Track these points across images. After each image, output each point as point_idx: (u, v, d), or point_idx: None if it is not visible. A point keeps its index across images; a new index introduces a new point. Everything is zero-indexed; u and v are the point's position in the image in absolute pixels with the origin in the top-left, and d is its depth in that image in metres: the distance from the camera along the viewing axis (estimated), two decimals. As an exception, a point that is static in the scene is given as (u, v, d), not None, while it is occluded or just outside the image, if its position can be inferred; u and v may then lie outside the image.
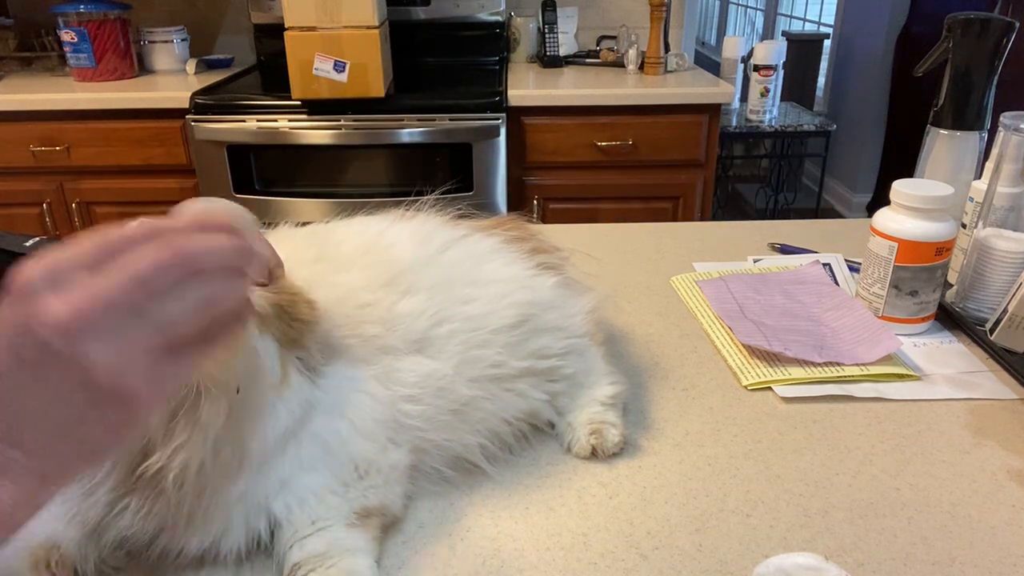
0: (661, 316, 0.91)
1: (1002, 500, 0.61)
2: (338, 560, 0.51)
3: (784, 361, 0.79)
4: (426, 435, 0.59)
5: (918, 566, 0.54)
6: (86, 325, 0.34)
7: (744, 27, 6.11)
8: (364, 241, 0.64)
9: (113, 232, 0.37)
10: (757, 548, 0.56)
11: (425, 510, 0.60)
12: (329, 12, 1.92)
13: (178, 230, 0.38)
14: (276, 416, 0.50)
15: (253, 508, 0.51)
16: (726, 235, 1.16)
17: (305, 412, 0.52)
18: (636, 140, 2.17)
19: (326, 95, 1.99)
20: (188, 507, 0.49)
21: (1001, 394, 0.75)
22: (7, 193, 2.20)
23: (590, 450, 0.65)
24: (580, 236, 1.17)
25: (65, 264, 0.35)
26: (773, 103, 2.92)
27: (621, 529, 0.58)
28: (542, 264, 0.70)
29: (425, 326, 0.59)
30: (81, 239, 0.37)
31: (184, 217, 0.40)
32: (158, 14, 2.62)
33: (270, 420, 0.50)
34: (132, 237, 0.37)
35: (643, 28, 2.43)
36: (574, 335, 0.68)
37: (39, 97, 2.12)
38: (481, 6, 2.50)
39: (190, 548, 0.51)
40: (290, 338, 0.50)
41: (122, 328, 0.35)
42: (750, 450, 0.67)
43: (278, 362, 0.50)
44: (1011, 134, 0.83)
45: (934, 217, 0.81)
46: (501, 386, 0.62)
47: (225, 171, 2.12)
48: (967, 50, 0.90)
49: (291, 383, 0.51)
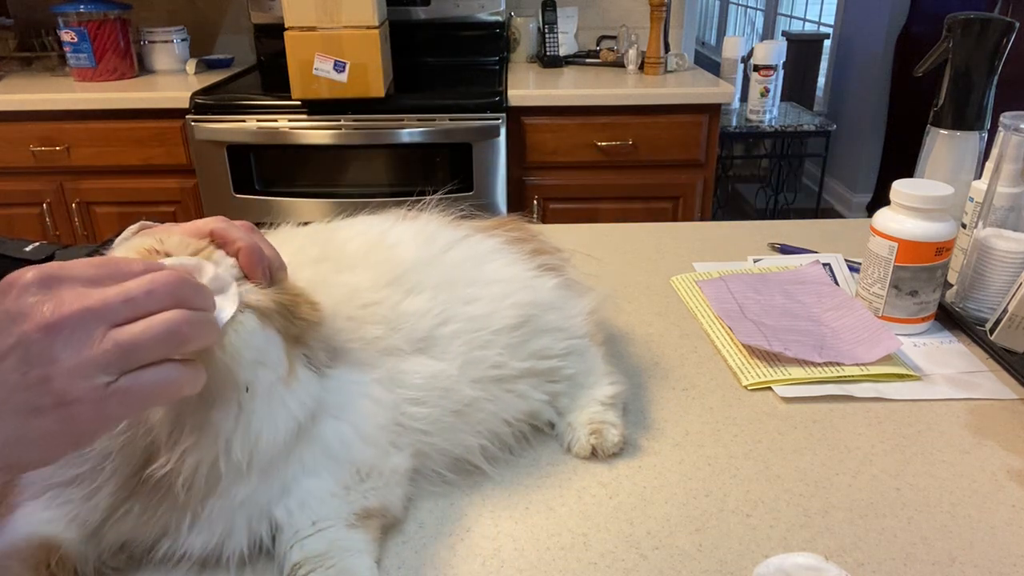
0: (661, 316, 0.91)
1: (1002, 500, 0.61)
2: (338, 560, 0.51)
3: (784, 361, 0.79)
4: (428, 438, 0.59)
5: (918, 566, 0.54)
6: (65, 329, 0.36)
7: (744, 27, 6.11)
8: (367, 241, 0.64)
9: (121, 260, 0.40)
10: (757, 548, 0.56)
11: (425, 510, 0.60)
12: (329, 12, 1.92)
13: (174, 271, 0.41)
14: (287, 409, 0.50)
15: (256, 512, 0.51)
16: (726, 235, 1.16)
17: (314, 407, 0.52)
18: (636, 140, 2.17)
19: (326, 95, 1.99)
20: (193, 510, 0.49)
21: (1001, 394, 0.75)
22: (7, 193, 2.20)
23: (590, 450, 0.65)
24: (580, 236, 1.17)
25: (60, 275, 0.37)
26: (773, 103, 2.92)
27: (621, 529, 0.58)
28: (543, 265, 0.70)
29: (430, 325, 0.59)
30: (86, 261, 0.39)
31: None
32: (158, 14, 2.62)
33: (280, 413, 0.49)
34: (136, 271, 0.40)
35: (643, 28, 2.43)
36: (575, 336, 0.68)
37: (39, 97, 2.12)
38: (481, 6, 2.50)
39: (193, 551, 0.51)
40: (293, 335, 0.50)
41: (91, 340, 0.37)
42: (750, 450, 0.67)
43: (284, 355, 0.49)
44: (1011, 134, 0.83)
45: (934, 217, 0.81)
46: (502, 387, 0.62)
47: (225, 171, 2.12)
48: (967, 50, 0.90)
49: (299, 376, 0.50)
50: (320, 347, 0.53)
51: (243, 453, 0.48)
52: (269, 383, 0.48)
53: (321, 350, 0.53)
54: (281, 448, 0.50)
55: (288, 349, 0.50)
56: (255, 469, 0.49)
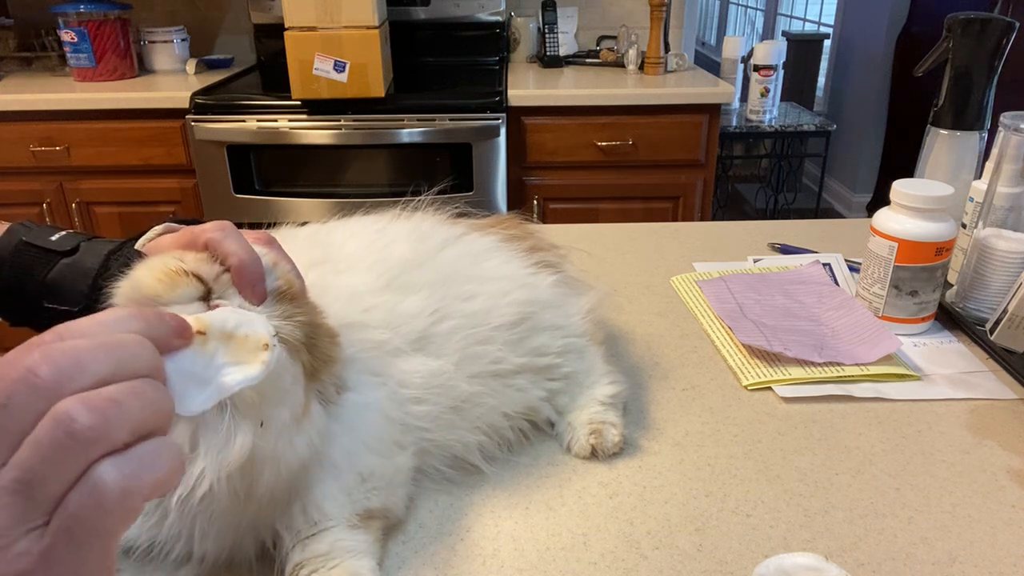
0: (661, 316, 0.91)
1: (1002, 500, 0.61)
2: (340, 561, 0.51)
3: (784, 361, 0.79)
4: (430, 435, 0.59)
5: (918, 566, 0.54)
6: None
7: (744, 27, 6.11)
8: (363, 240, 0.64)
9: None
10: (757, 548, 0.56)
11: (425, 510, 0.60)
12: (329, 12, 1.92)
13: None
14: (293, 449, 0.47)
15: (262, 524, 0.51)
16: (726, 235, 1.16)
17: (319, 442, 0.50)
18: (636, 140, 2.17)
19: (326, 95, 1.99)
20: (199, 524, 0.49)
21: (1001, 394, 0.75)
22: (7, 193, 2.20)
23: (590, 450, 0.65)
24: (580, 235, 1.17)
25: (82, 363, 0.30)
26: (773, 103, 2.92)
27: (621, 529, 0.58)
28: (540, 262, 0.70)
29: (426, 323, 0.59)
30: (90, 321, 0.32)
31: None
32: (158, 14, 2.62)
33: (287, 453, 0.47)
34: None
35: (643, 28, 2.43)
36: (572, 334, 0.68)
37: (39, 97, 2.12)
38: (481, 6, 2.50)
39: (199, 556, 0.51)
40: (310, 370, 0.48)
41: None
42: (750, 450, 0.67)
43: (303, 392, 0.47)
44: (1011, 134, 0.83)
45: (934, 217, 0.81)
46: (500, 382, 0.62)
47: (225, 171, 2.12)
48: (967, 50, 0.90)
49: (311, 414, 0.48)
50: (332, 382, 0.51)
51: (242, 485, 0.46)
52: (283, 421, 0.46)
53: (332, 384, 0.51)
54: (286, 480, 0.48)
55: (305, 384, 0.47)
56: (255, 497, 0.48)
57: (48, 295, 0.50)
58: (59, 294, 0.50)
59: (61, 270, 0.50)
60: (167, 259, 0.45)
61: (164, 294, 0.42)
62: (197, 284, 0.44)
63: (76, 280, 0.50)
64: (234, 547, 0.51)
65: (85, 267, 0.50)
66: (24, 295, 0.50)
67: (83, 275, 0.50)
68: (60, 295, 0.50)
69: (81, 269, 0.50)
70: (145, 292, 0.43)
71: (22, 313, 0.51)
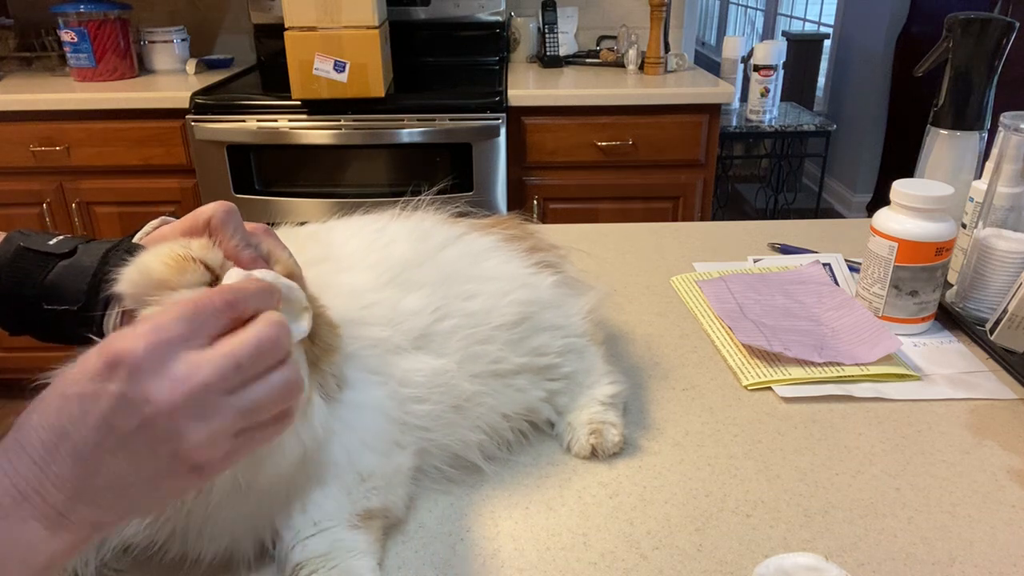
0: (661, 316, 0.91)
1: (1002, 500, 0.61)
2: (340, 561, 0.51)
3: (784, 361, 0.79)
4: (430, 434, 0.59)
5: (918, 566, 0.54)
6: (188, 407, 0.37)
7: (744, 27, 6.11)
8: (364, 240, 0.64)
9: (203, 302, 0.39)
10: (757, 548, 0.56)
11: (425, 510, 0.60)
12: (329, 12, 1.92)
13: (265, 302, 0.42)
14: (296, 439, 0.47)
15: (261, 522, 0.51)
16: (726, 235, 1.16)
17: (322, 435, 0.50)
18: (636, 140, 2.17)
19: (326, 95, 1.99)
20: (195, 522, 0.49)
21: (1001, 394, 0.75)
22: (7, 193, 2.20)
23: (590, 450, 0.65)
24: (580, 236, 1.17)
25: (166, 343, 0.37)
26: (773, 103, 2.92)
27: (621, 529, 0.58)
28: (540, 262, 0.70)
29: (427, 321, 0.59)
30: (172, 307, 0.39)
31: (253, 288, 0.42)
32: (158, 14, 2.62)
33: (290, 443, 0.47)
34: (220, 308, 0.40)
35: (643, 28, 2.43)
36: (572, 334, 0.68)
37: (39, 97, 2.12)
38: (481, 6, 2.50)
39: (195, 556, 0.51)
40: (311, 359, 0.48)
41: (215, 411, 0.38)
42: (750, 450, 0.67)
43: (307, 380, 0.47)
44: (1011, 134, 0.83)
45: (934, 217, 0.81)
46: (501, 381, 0.62)
47: (225, 171, 2.12)
48: (967, 50, 0.90)
49: (313, 405, 0.48)
50: (332, 373, 0.51)
51: (244, 478, 0.46)
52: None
53: (332, 376, 0.51)
54: (284, 474, 0.49)
55: (308, 373, 0.47)
56: (255, 490, 0.48)
57: (47, 297, 0.50)
58: (58, 294, 0.50)
59: (60, 272, 0.50)
60: (174, 245, 0.45)
61: (172, 279, 0.43)
62: (204, 272, 0.44)
63: (75, 279, 0.50)
64: (232, 546, 0.51)
65: (83, 266, 0.50)
66: (23, 300, 0.50)
67: (82, 274, 0.50)
68: (59, 295, 0.50)
69: (80, 268, 0.50)
70: (154, 277, 0.43)
71: (22, 319, 0.52)
